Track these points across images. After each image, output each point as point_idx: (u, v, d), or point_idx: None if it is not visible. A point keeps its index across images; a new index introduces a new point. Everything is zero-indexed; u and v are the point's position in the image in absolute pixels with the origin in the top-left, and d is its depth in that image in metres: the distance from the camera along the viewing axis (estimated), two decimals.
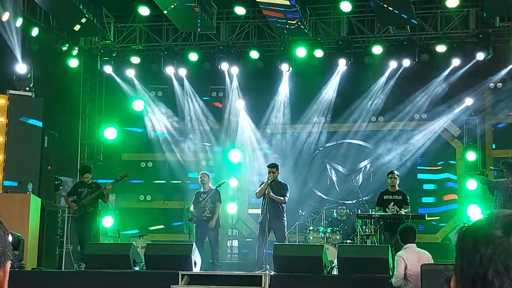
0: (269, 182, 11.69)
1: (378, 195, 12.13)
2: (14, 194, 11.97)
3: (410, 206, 11.82)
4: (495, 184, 11.69)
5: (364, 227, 12.31)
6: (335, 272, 10.26)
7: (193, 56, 15.04)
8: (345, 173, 15.47)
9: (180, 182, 15.81)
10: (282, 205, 11.82)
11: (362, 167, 15.48)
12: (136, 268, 10.54)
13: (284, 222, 11.86)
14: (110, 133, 15.96)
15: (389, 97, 15.11)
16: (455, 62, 14.26)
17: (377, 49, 14.38)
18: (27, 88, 13.10)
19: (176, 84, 15.83)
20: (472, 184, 13.98)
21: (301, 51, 14.60)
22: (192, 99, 15.91)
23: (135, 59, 15.37)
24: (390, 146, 15.20)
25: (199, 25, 13.81)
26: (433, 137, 14.94)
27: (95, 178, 13.07)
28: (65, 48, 15.08)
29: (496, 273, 1.41)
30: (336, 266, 10.29)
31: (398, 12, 12.84)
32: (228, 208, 15.03)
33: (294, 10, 12.88)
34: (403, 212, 11.50)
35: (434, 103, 14.93)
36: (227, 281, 10.06)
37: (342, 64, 14.66)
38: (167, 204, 15.96)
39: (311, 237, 12.97)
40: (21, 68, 13.12)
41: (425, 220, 12.59)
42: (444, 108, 14.85)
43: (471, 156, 14.64)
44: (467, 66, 14.26)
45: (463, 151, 14.83)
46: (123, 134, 16.13)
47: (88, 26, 13.73)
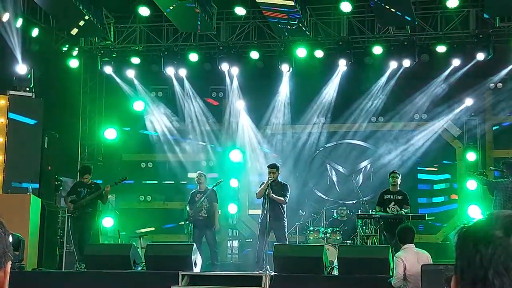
0: (270, 183, 11.67)
1: (379, 195, 12.14)
2: (15, 195, 11.97)
3: (411, 206, 11.83)
4: (495, 184, 11.70)
5: (365, 228, 12.30)
6: (336, 273, 10.27)
7: (193, 57, 15.03)
8: (345, 174, 15.46)
9: (181, 183, 15.80)
10: (283, 206, 11.79)
11: (362, 168, 15.48)
12: (137, 269, 10.54)
13: (285, 223, 11.84)
14: (110, 134, 15.96)
15: (389, 98, 15.10)
16: (455, 63, 14.25)
17: (377, 50, 14.37)
18: (27, 89, 13.12)
19: (176, 85, 15.81)
20: (472, 184, 13.98)
21: (301, 52, 14.59)
22: (192, 100, 15.90)
23: (135, 60, 15.37)
24: (390, 147, 15.18)
25: (199, 26, 13.80)
26: (433, 138, 14.93)
27: (95, 179, 13.07)
28: (65, 49, 15.07)
29: (496, 274, 1.41)
30: (337, 267, 10.29)
31: (401, 14, 12.83)
32: (229, 209, 15.03)
33: (295, 11, 12.87)
34: (403, 212, 11.50)
35: (434, 104, 14.92)
36: (227, 282, 10.07)
37: (342, 65, 14.65)
38: (168, 205, 15.96)
39: (312, 238, 12.97)
40: (21, 69, 13.13)
41: (425, 220, 12.59)
42: (444, 109, 14.84)
43: (471, 157, 14.63)
44: (467, 67, 14.25)
45: (463, 152, 14.83)
46: (123, 135, 16.13)
47: (88, 27, 13.72)
